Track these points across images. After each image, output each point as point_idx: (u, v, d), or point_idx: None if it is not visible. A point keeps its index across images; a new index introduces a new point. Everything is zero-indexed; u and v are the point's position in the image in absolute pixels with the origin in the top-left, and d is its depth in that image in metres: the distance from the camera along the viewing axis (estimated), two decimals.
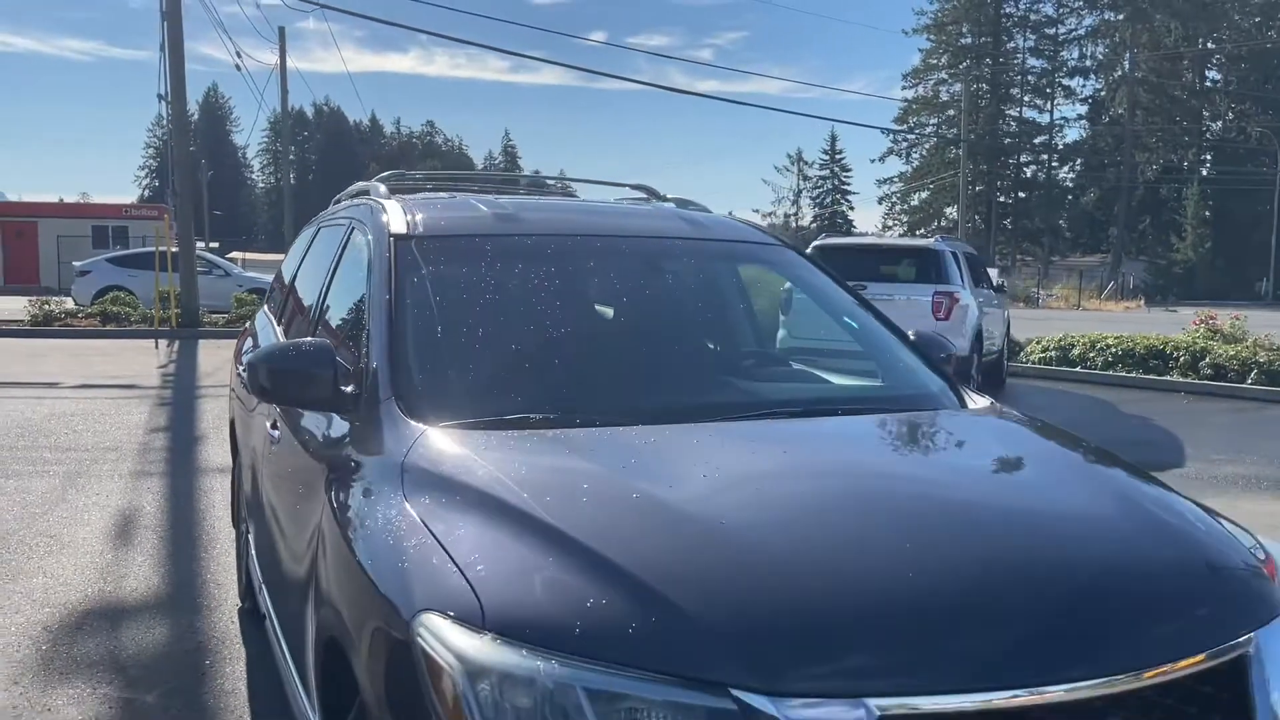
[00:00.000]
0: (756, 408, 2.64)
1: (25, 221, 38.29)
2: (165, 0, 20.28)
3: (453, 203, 3.43)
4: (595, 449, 2.23)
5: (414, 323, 2.69)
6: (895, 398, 3.01)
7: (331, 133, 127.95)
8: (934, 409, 2.89)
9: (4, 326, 19.15)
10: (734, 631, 1.61)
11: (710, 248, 3.41)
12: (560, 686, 1.56)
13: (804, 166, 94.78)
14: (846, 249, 11.83)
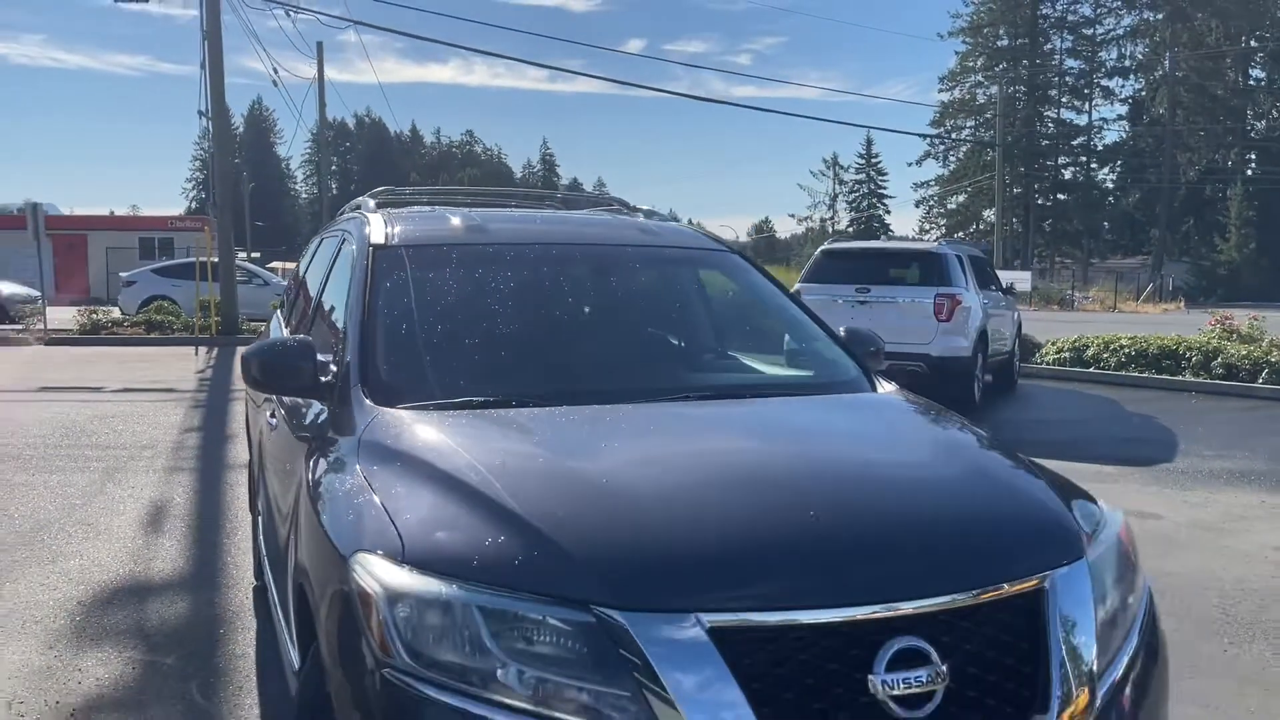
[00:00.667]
0: (676, 392, 3.01)
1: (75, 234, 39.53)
2: (206, 20, 21.04)
3: (430, 215, 3.85)
4: (517, 424, 2.63)
5: (383, 321, 3.11)
6: (813, 384, 3.39)
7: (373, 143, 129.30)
8: (843, 393, 3.26)
9: (55, 335, 19.94)
10: (597, 562, 1.99)
11: (659, 253, 3.80)
12: (460, 606, 1.96)
13: (840, 171, 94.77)
14: (852, 253, 12.14)
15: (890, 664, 1.95)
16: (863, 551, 2.12)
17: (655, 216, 4.32)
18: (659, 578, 1.98)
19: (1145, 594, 2.52)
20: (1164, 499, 7.22)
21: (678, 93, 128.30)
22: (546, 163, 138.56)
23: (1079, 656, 2.13)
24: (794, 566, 2.05)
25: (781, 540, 2.11)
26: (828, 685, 1.94)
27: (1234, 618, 4.80)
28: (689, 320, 3.71)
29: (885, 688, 1.94)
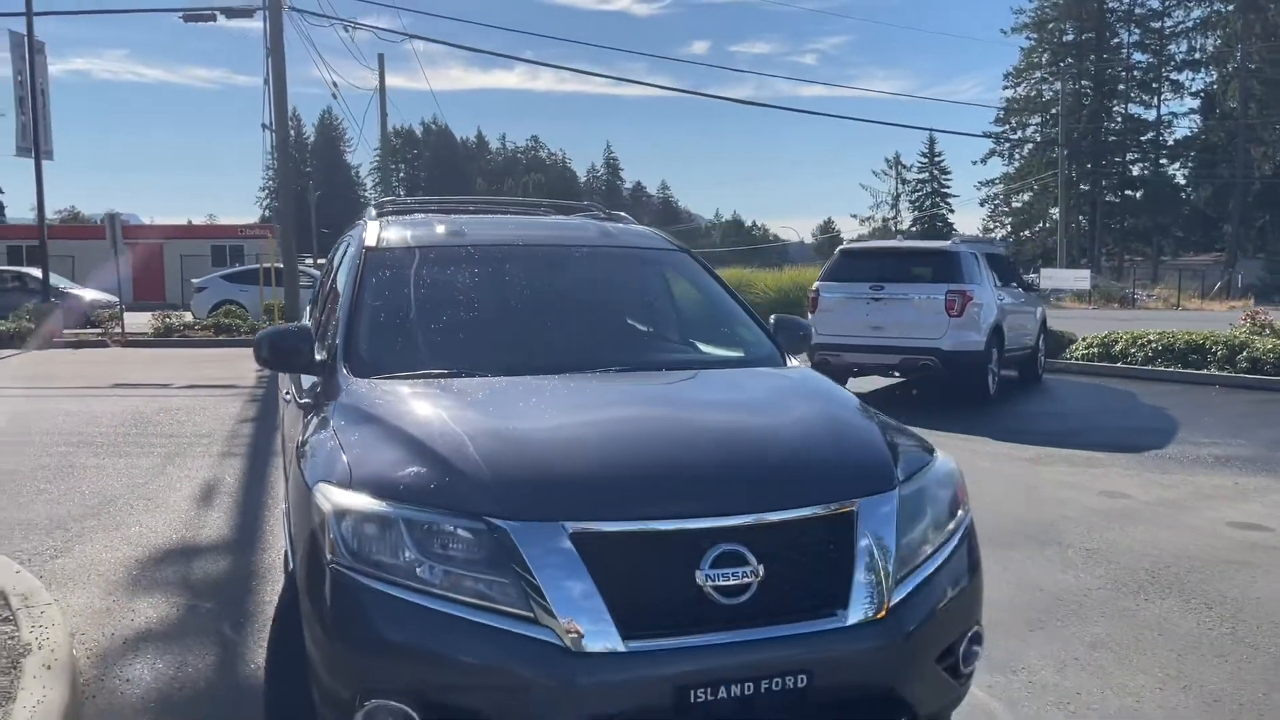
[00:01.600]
0: (604, 366, 3.61)
1: (153, 243, 41.33)
2: (269, 37, 22.10)
3: (419, 222, 4.50)
4: (457, 389, 3.26)
5: (366, 310, 3.77)
6: (729, 360, 3.99)
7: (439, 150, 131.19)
8: (752, 367, 3.84)
9: (131, 338, 21.19)
10: (489, 485, 2.61)
11: (611, 252, 4.41)
12: (389, 518, 2.59)
13: (902, 170, 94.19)
14: (868, 252, 12.58)
15: (714, 563, 2.54)
16: (698, 478, 2.71)
17: (624, 220, 4.95)
18: (534, 496, 2.59)
19: (964, 526, 3.06)
20: (1139, 480, 7.61)
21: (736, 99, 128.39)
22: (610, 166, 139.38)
23: (880, 567, 2.69)
24: (641, 488, 2.65)
25: (633, 469, 2.72)
26: (663, 578, 2.54)
27: (1159, 579, 5.25)
28: (633, 308, 4.29)
29: (708, 581, 2.53)
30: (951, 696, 2.96)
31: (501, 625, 2.46)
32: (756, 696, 2.51)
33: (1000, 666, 4.14)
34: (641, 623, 2.48)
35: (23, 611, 4.29)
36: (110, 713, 3.72)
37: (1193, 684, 3.97)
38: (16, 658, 3.80)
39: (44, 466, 7.93)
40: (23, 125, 22.29)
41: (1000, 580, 5.24)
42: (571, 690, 2.41)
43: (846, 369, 12.01)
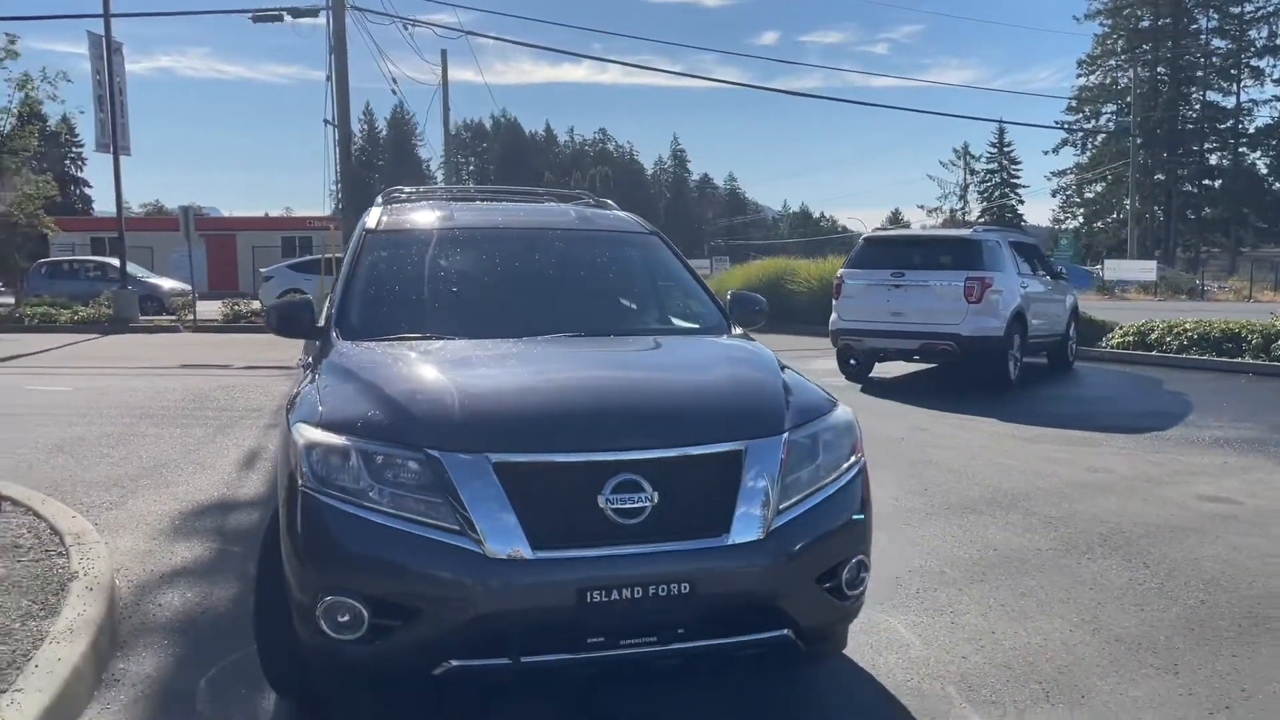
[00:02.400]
0: (561, 330, 4.11)
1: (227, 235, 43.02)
2: (332, 35, 22.98)
3: (417, 208, 5.05)
4: (422, 348, 3.78)
5: (358, 284, 4.33)
6: (676, 329, 4.47)
7: (508, 143, 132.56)
8: (700, 335, 4.32)
9: (202, 324, 22.29)
10: (429, 422, 3.13)
11: (586, 234, 4.92)
12: (348, 450, 3.12)
13: (971, 160, 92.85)
14: (892, 240, 12.87)
15: (614, 489, 3.03)
16: (605, 420, 3.20)
17: (609, 208, 5.45)
18: (465, 433, 3.10)
19: (855, 470, 3.50)
20: (1128, 458, 7.89)
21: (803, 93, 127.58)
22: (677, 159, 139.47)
23: (763, 498, 3.16)
24: (555, 427, 3.15)
25: (551, 412, 3.22)
26: (569, 502, 3.04)
27: (1109, 542, 5.59)
28: (600, 284, 4.77)
29: (608, 504, 3.02)
30: (836, 615, 3.41)
31: (435, 537, 2.98)
32: (644, 600, 2.99)
33: (930, 609, 4.56)
34: (550, 537, 2.98)
35: (74, 548, 4.94)
36: (142, 629, 4.34)
37: (1103, 628, 4.35)
38: (65, 582, 4.44)
39: (109, 434, 8.70)
40: (102, 122, 23.53)
41: (958, 540, 5.65)
42: (488, 589, 2.93)
43: (869, 353, 12.36)
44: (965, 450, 8.20)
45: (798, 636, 3.24)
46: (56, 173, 37.07)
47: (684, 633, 3.08)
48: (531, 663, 3.01)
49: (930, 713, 3.56)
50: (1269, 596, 4.74)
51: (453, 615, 2.95)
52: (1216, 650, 4.11)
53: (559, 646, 3.00)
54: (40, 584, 4.41)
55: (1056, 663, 3.98)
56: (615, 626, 3.00)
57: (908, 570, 5.13)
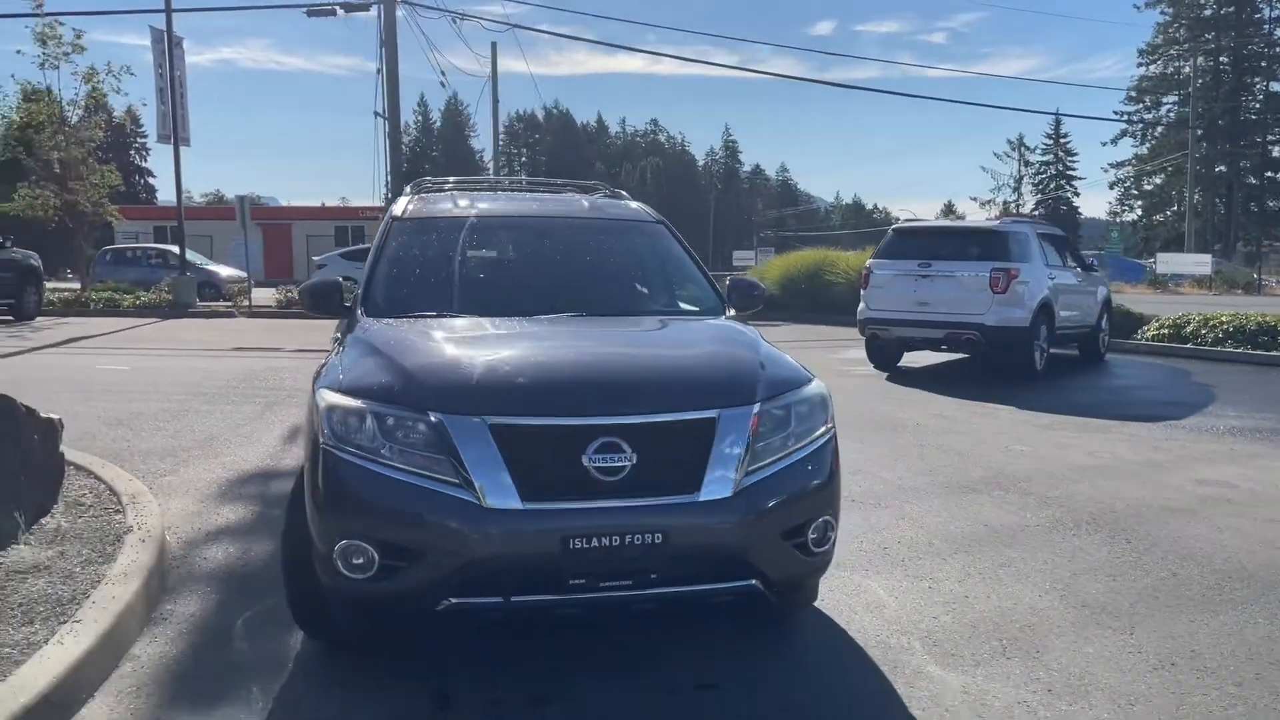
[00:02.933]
0: (566, 310, 4.47)
1: (282, 224, 44.09)
2: (382, 29, 23.57)
3: (440, 197, 5.45)
4: (435, 324, 4.17)
5: (383, 266, 4.74)
6: (678, 311, 4.81)
7: (560, 134, 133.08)
8: (694, 317, 4.67)
9: (257, 309, 23.05)
10: (434, 389, 3.51)
11: (594, 223, 5.29)
12: (363, 412, 3.52)
13: (1026, 152, 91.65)
14: (920, 231, 13.05)
15: (597, 450, 3.39)
16: (590, 389, 3.56)
17: (623, 198, 5.82)
18: (464, 398, 3.48)
19: (825, 439, 3.82)
20: (1136, 445, 8.08)
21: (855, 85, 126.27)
22: (729, 149, 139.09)
23: (731, 462, 3.49)
24: (546, 395, 3.52)
25: (543, 381, 3.59)
26: (556, 460, 3.40)
27: (1098, 521, 5.84)
28: (605, 268, 5.14)
29: (591, 463, 3.38)
30: (803, 569, 3.75)
31: (437, 489, 3.36)
32: (622, 548, 3.35)
33: (911, 576, 4.87)
34: (538, 490, 3.35)
35: (130, 507, 5.43)
36: (188, 577, 4.80)
37: (1071, 594, 4.63)
38: (120, 534, 4.92)
39: (164, 410, 9.26)
40: (163, 114, 24.37)
41: (951, 516, 5.93)
42: (482, 536, 3.31)
43: (897, 343, 12.58)
44: (977, 435, 8.45)
45: (765, 587, 3.58)
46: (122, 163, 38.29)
47: (657, 578, 3.43)
48: (520, 602, 3.39)
49: (892, 662, 3.88)
50: (1240, 571, 4.97)
51: (451, 558, 3.33)
52: (1176, 616, 4.37)
53: (545, 588, 3.38)
54: (99, 536, 4.89)
55: (1020, 624, 4.27)
56: (595, 571, 3.37)
57: (897, 541, 5.43)
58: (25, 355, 14.19)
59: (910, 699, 3.57)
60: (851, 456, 7.48)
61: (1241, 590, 4.71)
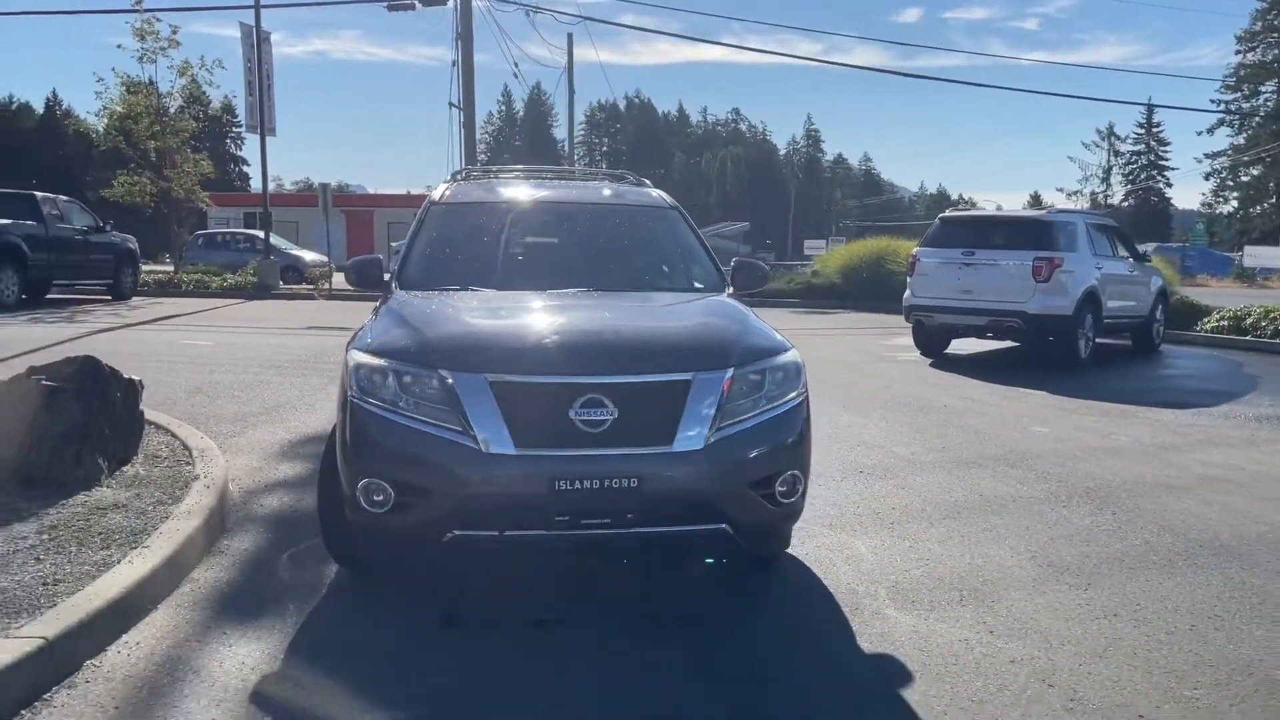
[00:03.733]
0: (578, 285, 4.96)
1: (364, 210, 45.55)
2: (459, 22, 24.32)
3: (475, 184, 5.99)
4: (456, 297, 4.70)
5: (417, 245, 5.30)
6: (683, 288, 5.27)
7: (641, 123, 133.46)
8: (698, 294, 5.12)
9: (336, 291, 24.04)
10: (444, 350, 4.04)
11: (613, 207, 5.78)
12: (385, 369, 4.06)
13: (1115, 141, 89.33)
14: (966, 220, 13.21)
15: (583, 405, 3.87)
16: (579, 352, 4.05)
17: (644, 185, 6.30)
18: (469, 358, 3.99)
19: (796, 403, 4.25)
20: (1156, 429, 8.29)
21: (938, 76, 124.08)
22: (811, 138, 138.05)
23: (703, 418, 3.95)
24: (539, 356, 4.02)
25: (537, 344, 4.09)
26: (547, 413, 3.89)
27: (1091, 495, 6.14)
28: (618, 249, 5.61)
29: (577, 416, 3.87)
30: (771, 517, 4.18)
31: (443, 436, 3.89)
32: (601, 490, 3.83)
33: (896, 536, 5.26)
34: (530, 439, 3.85)
35: (199, 460, 6.09)
36: (245, 519, 5.43)
37: (1041, 556, 4.98)
38: (188, 481, 5.57)
39: (239, 380, 10.02)
40: (250, 106, 25.53)
41: (950, 488, 6.29)
42: (481, 477, 3.82)
43: (941, 329, 12.81)
44: (999, 417, 8.73)
45: (735, 531, 4.03)
46: (218, 151, 39.86)
47: (633, 519, 3.90)
48: (513, 535, 3.90)
49: (855, 605, 4.29)
50: (1212, 541, 5.26)
51: (455, 496, 3.85)
52: (1135, 576, 4.70)
53: (533, 524, 3.88)
54: (170, 482, 5.54)
55: (985, 578, 4.65)
56: (577, 510, 3.85)
57: (891, 508, 5.81)
58: (120, 331, 15.23)
59: (861, 634, 4.00)
60: (872, 433, 7.88)
61: (1207, 557, 5.01)
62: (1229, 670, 3.70)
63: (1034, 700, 3.43)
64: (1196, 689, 3.53)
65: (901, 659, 3.75)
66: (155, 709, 3.27)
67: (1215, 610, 4.30)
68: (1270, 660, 3.79)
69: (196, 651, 3.72)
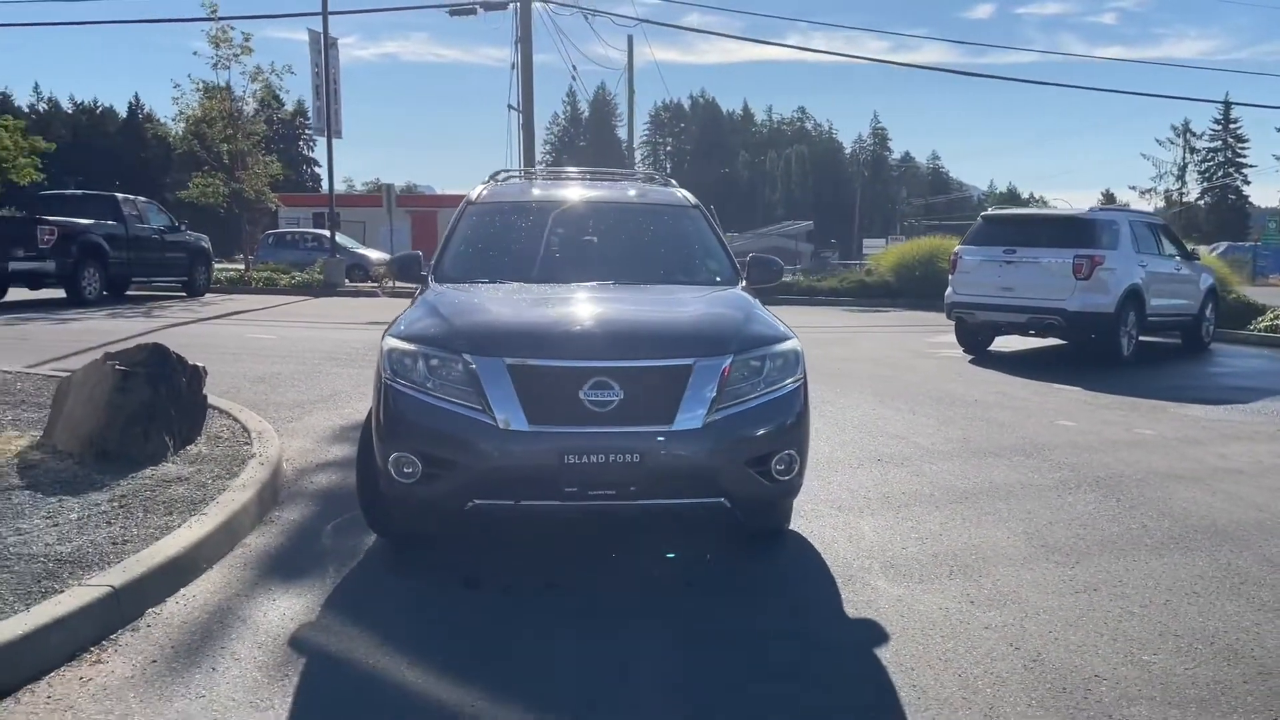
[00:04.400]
0: (599, 279, 5.34)
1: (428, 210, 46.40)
2: (519, 26, 24.88)
3: (510, 185, 6.40)
4: (483, 289, 5.11)
5: (454, 243, 5.72)
6: (698, 281, 5.61)
7: (705, 123, 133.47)
8: (712, 287, 5.46)
9: (399, 289, 24.71)
10: (467, 336, 4.44)
11: (636, 206, 6.15)
12: (414, 353, 4.48)
13: (1191, 138, 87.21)
14: (1008, 218, 13.32)
15: (591, 387, 4.24)
16: (589, 340, 4.42)
17: (670, 185, 6.67)
18: (489, 344, 4.38)
19: (793, 388, 4.57)
20: (1184, 424, 8.41)
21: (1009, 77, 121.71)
22: (877, 136, 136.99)
23: (702, 401, 4.29)
24: (552, 342, 4.40)
25: (551, 331, 4.48)
26: (559, 393, 4.27)
27: (1100, 483, 6.34)
28: (640, 245, 5.98)
29: (586, 397, 4.24)
30: (766, 493, 4.51)
31: (465, 414, 4.28)
32: (606, 464, 4.20)
33: (901, 518, 5.54)
34: (543, 416, 4.23)
35: (257, 441, 6.58)
36: (296, 494, 5.89)
37: (1037, 537, 5.23)
38: (245, 459, 6.05)
39: (299, 371, 10.59)
40: (318, 110, 26.41)
41: (964, 475, 6.54)
42: (498, 449, 4.21)
43: (983, 327, 12.95)
44: (1026, 411, 8.91)
45: (732, 504, 4.38)
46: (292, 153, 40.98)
47: (635, 491, 4.26)
48: (527, 505, 4.29)
49: (848, 576, 4.60)
50: (1209, 526, 5.45)
51: (475, 468, 4.25)
52: (1122, 556, 4.94)
53: (545, 494, 4.26)
54: (229, 460, 6.04)
55: (978, 556, 4.92)
56: (584, 481, 4.23)
57: (902, 493, 6.09)
58: (192, 325, 16.00)
59: (849, 601, 4.31)
60: (897, 425, 8.14)
61: (1199, 540, 5.21)
62: (1192, 640, 3.94)
63: (998, 659, 3.71)
64: (1156, 655, 3.78)
65: (882, 623, 4.06)
66: (206, 648, 3.72)
67: (1194, 588, 4.52)
68: (1234, 633, 4.02)
69: (244, 604, 4.17)
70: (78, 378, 6.33)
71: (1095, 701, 3.40)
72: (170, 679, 3.48)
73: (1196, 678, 3.60)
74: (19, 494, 5.16)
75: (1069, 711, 3.33)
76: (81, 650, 3.66)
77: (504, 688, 3.46)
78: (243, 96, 26.23)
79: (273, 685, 3.45)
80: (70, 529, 4.62)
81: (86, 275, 18.84)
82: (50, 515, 4.81)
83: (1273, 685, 3.56)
